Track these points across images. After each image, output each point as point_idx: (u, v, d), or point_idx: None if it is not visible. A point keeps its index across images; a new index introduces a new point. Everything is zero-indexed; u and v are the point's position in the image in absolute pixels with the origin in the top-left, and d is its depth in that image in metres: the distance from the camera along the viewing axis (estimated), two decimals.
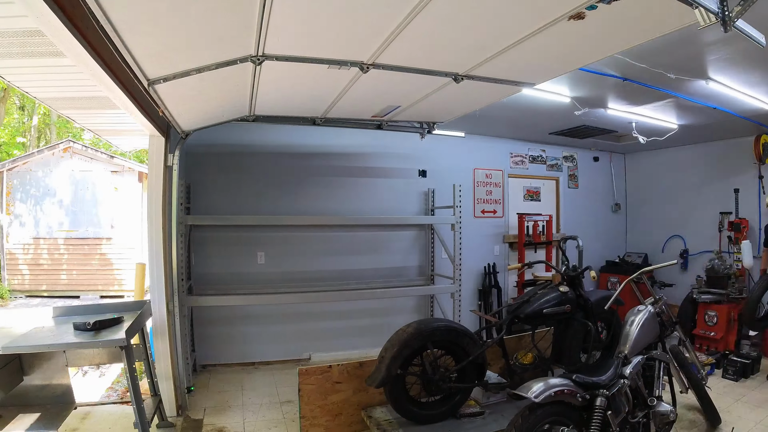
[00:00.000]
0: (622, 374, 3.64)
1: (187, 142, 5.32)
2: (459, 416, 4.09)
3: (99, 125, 6.61)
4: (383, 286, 7.24)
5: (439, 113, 5.79)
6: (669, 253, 9.21)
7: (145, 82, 3.39)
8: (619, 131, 7.98)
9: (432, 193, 7.77)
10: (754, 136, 7.83)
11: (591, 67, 4.55)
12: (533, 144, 9.06)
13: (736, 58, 4.63)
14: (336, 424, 4.20)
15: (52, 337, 3.66)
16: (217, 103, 4.73)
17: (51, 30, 2.34)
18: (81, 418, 4.78)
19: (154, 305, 4.87)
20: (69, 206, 13.72)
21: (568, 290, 4.40)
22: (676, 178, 9.31)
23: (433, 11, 2.75)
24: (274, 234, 6.84)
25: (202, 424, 4.91)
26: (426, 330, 3.90)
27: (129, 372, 3.71)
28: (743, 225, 7.99)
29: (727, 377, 6.18)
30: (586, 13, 2.76)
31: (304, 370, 4.12)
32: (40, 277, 13.56)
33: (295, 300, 6.24)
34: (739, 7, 2.24)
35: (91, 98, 4.96)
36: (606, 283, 9.17)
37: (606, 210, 10.16)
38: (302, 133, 6.99)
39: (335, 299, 6.66)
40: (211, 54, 3.27)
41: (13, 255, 13.57)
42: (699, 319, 7.29)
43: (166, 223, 5.02)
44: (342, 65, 3.67)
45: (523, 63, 3.82)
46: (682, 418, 4.93)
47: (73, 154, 13.87)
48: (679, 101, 6.01)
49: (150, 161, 5.07)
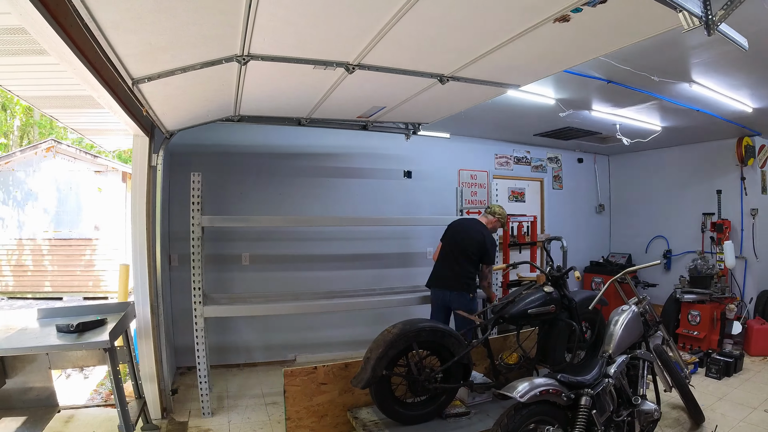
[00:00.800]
0: (607, 373, 3.67)
1: (171, 142, 5.28)
2: (445, 416, 4.09)
3: (82, 124, 6.53)
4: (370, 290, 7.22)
5: (424, 114, 5.80)
6: (652, 254, 9.29)
7: (130, 81, 3.36)
8: (603, 133, 8.03)
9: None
10: (737, 139, 7.93)
11: (576, 69, 4.58)
12: (518, 145, 9.10)
13: (720, 61, 4.68)
14: (322, 425, 4.18)
15: (34, 339, 3.61)
16: (202, 102, 4.70)
17: (34, 27, 2.31)
18: (65, 422, 4.73)
19: (138, 307, 4.84)
20: (52, 207, 13.57)
21: (553, 290, 4.42)
22: (660, 179, 9.41)
23: (419, 13, 2.75)
24: (258, 235, 6.80)
25: (187, 426, 4.87)
26: (411, 331, 3.89)
27: (113, 374, 3.67)
28: (726, 226, 8.08)
29: (711, 376, 6.24)
30: (571, 16, 2.77)
31: (290, 372, 4.10)
32: (23, 279, 13.39)
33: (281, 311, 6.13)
34: (723, 11, 2.27)
35: (74, 97, 4.90)
36: (590, 283, 9.24)
37: (590, 211, 10.23)
38: (287, 134, 6.97)
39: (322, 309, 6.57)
40: (196, 53, 3.24)
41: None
42: (682, 319, 7.38)
43: (149, 224, 4.99)
44: (328, 66, 3.66)
45: (509, 65, 3.84)
46: (666, 416, 4.97)
47: (56, 153, 13.71)
48: (662, 103, 6.07)
49: (134, 161, 5.03)
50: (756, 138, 7.97)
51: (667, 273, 8.95)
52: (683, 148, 8.95)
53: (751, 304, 7.66)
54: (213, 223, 5.42)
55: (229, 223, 6.07)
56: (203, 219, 5.19)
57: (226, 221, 5.90)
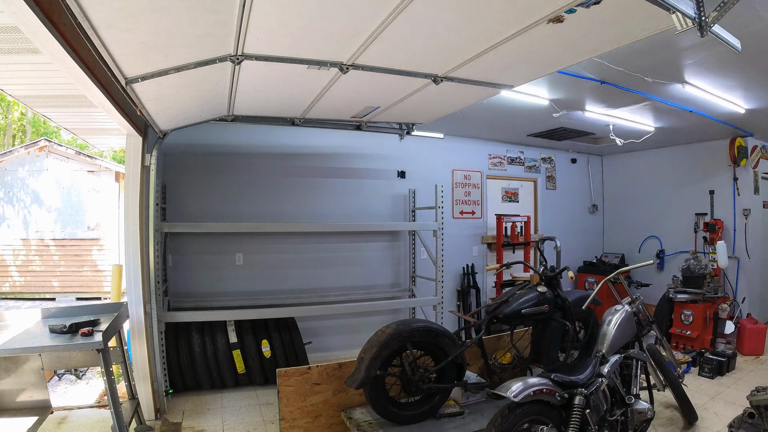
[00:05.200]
0: (600, 373, 3.68)
1: (164, 141, 5.27)
2: (439, 416, 4.09)
3: (76, 124, 6.51)
4: (364, 294, 7.24)
5: (418, 114, 5.81)
6: (645, 254, 9.35)
7: (123, 80, 3.36)
8: (596, 133, 8.07)
9: (413, 194, 7.77)
10: (729, 139, 7.97)
11: (569, 69, 4.59)
12: (512, 145, 9.12)
13: (712, 62, 4.70)
14: (316, 425, 4.18)
15: (27, 340, 3.58)
16: (195, 102, 4.69)
17: (27, 26, 2.30)
18: (57, 423, 4.70)
19: (131, 307, 4.82)
20: (44, 207, 13.48)
21: (546, 290, 4.42)
22: (653, 179, 9.45)
23: (412, 13, 2.76)
24: (251, 236, 6.77)
25: (180, 427, 4.86)
26: (405, 331, 3.89)
27: (106, 375, 3.65)
28: (718, 226, 8.12)
29: (703, 375, 6.27)
30: (565, 17, 2.79)
31: (283, 372, 4.09)
32: (14, 279, 13.30)
33: (275, 315, 6.13)
34: (716, 12, 2.28)
35: (67, 96, 4.89)
36: (584, 283, 9.25)
37: (583, 211, 10.27)
38: (281, 134, 6.96)
39: (317, 313, 6.57)
40: (190, 53, 3.24)
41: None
42: (675, 318, 7.41)
43: (143, 224, 4.97)
44: (322, 65, 3.66)
45: (503, 65, 3.85)
46: (659, 415, 5.00)
47: (49, 153, 13.61)
48: (655, 104, 6.09)
49: (127, 161, 5.01)
50: (748, 139, 8.02)
51: (660, 273, 8.99)
52: (676, 149, 8.99)
53: (743, 304, 7.69)
54: (172, 229, 5.82)
55: (190, 229, 6.11)
56: (163, 225, 5.61)
57: (187, 227, 6.04)
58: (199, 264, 6.50)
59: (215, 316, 5.86)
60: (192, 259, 6.48)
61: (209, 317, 5.83)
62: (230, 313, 5.92)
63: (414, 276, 7.77)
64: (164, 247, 5.91)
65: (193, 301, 6.32)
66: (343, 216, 7.34)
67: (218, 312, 5.92)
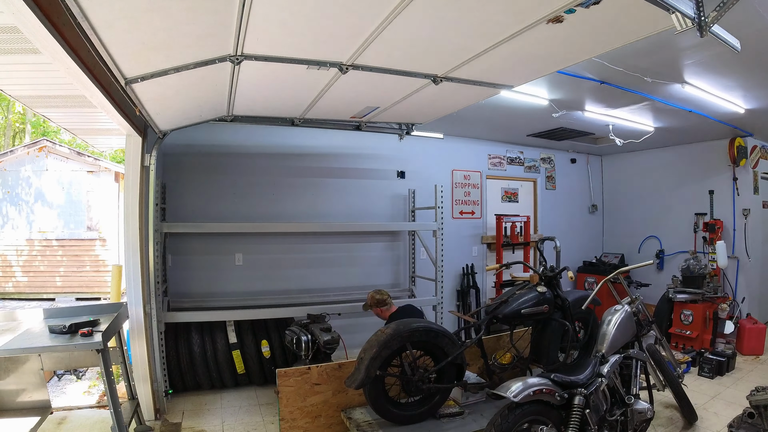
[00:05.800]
0: (600, 373, 3.68)
1: (164, 142, 5.27)
2: (438, 416, 4.09)
3: (76, 124, 6.52)
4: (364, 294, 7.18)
5: (418, 114, 5.80)
6: (645, 254, 9.35)
7: (123, 80, 3.35)
8: (596, 133, 8.07)
9: (413, 194, 7.77)
10: (729, 139, 7.97)
11: (569, 70, 4.58)
12: (511, 146, 9.11)
13: (712, 62, 4.70)
14: (315, 425, 4.18)
15: (26, 340, 3.58)
16: (195, 102, 4.69)
17: (27, 26, 2.30)
18: (57, 423, 4.71)
19: (130, 307, 4.82)
20: (43, 207, 13.47)
21: (546, 290, 4.42)
22: (652, 179, 9.45)
23: (412, 13, 2.76)
24: (251, 236, 6.76)
25: (180, 427, 4.86)
26: (405, 331, 3.89)
27: (106, 375, 3.65)
28: (718, 226, 8.12)
29: (703, 375, 6.27)
30: (564, 17, 2.78)
31: (283, 372, 4.09)
32: (13, 279, 13.29)
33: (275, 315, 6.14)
34: (715, 12, 2.28)
35: (67, 96, 4.89)
36: (583, 283, 9.25)
37: (583, 211, 10.27)
38: (281, 134, 6.95)
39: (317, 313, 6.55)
40: (189, 53, 3.24)
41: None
42: (675, 318, 7.42)
43: (142, 224, 4.97)
44: (321, 66, 3.66)
45: (502, 65, 3.85)
46: (659, 415, 5.00)
47: (49, 153, 13.61)
48: (655, 104, 6.09)
49: (127, 161, 5.01)
50: (748, 139, 8.02)
51: (660, 273, 8.99)
52: (676, 149, 8.99)
53: (743, 304, 7.69)
54: (172, 230, 5.78)
55: (189, 229, 6.09)
56: (162, 225, 5.56)
57: (182, 227, 5.98)
58: (198, 264, 6.49)
59: (215, 316, 5.84)
60: (192, 259, 6.46)
61: (209, 317, 5.82)
62: (230, 313, 5.92)
63: (414, 276, 7.75)
64: (164, 247, 5.88)
65: (193, 302, 6.31)
66: (342, 216, 7.33)
67: (218, 312, 5.90)
